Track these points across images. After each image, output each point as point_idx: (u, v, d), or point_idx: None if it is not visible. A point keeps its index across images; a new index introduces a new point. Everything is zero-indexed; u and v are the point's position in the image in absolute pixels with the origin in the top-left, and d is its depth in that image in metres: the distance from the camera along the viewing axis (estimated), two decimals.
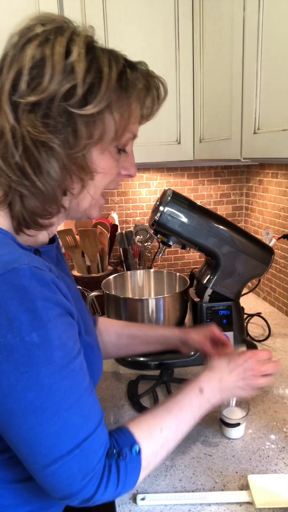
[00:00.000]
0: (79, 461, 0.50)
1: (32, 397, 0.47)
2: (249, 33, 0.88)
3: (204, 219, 1.03)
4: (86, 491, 0.52)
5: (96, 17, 1.12)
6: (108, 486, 0.53)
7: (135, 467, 0.56)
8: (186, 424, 0.64)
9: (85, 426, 0.52)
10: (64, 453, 0.49)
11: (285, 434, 0.85)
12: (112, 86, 0.52)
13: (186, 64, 1.21)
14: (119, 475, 0.54)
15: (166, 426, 0.61)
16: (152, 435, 0.59)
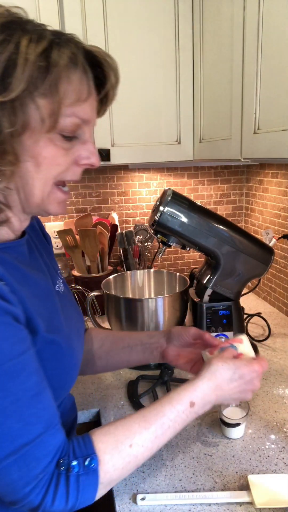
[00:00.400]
0: (19, 468, 0.47)
1: None
2: (249, 33, 0.88)
3: (204, 219, 1.03)
4: (30, 500, 0.49)
5: (96, 17, 1.12)
6: (56, 498, 0.50)
7: (90, 481, 0.51)
8: (164, 440, 0.58)
9: (24, 431, 0.48)
10: (1, 457, 0.47)
11: (285, 434, 0.85)
12: (31, 67, 0.47)
13: (186, 64, 1.21)
14: (69, 488, 0.50)
15: (139, 442, 0.55)
16: (118, 449, 0.54)
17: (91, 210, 1.63)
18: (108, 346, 0.87)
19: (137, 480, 0.74)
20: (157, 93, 1.22)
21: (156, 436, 0.57)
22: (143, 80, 1.20)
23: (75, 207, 1.61)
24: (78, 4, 1.11)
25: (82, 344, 0.73)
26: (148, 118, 1.23)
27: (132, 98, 1.21)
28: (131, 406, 0.96)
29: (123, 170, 1.61)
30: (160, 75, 1.21)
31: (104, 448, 0.53)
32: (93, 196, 1.62)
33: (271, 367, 1.11)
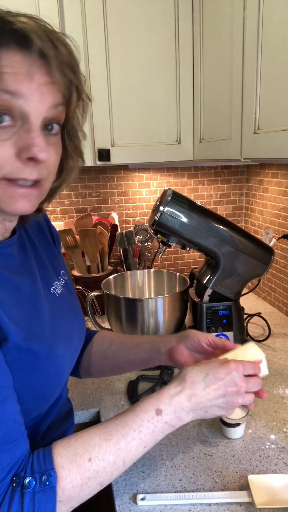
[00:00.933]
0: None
1: None
2: (249, 33, 0.88)
3: (204, 219, 1.03)
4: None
5: (96, 17, 1.12)
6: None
7: (47, 499, 0.47)
8: (130, 454, 0.53)
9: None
10: None
11: (285, 434, 0.85)
12: None
13: (186, 64, 1.21)
14: (23, 506, 0.46)
15: (99, 456, 0.50)
16: (76, 463, 0.49)
17: (91, 210, 1.63)
18: (117, 346, 0.84)
19: (137, 480, 0.74)
20: (157, 93, 1.22)
21: (119, 449, 0.52)
22: (143, 80, 1.20)
23: (75, 207, 1.61)
24: (78, 4, 1.11)
25: (73, 350, 0.70)
26: (148, 118, 1.23)
27: (132, 98, 1.21)
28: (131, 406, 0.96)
29: (123, 170, 1.61)
30: (160, 75, 1.21)
31: (62, 462, 0.49)
32: (93, 196, 1.62)
33: (271, 367, 1.11)
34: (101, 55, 1.15)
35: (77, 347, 0.73)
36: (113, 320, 1.16)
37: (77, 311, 0.76)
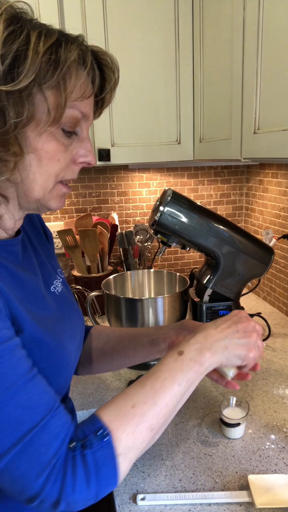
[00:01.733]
0: (27, 457, 0.45)
1: None
2: (249, 33, 0.88)
3: (204, 219, 1.03)
4: (48, 491, 0.45)
5: (96, 17, 1.12)
6: (76, 482, 0.46)
7: (107, 454, 0.48)
8: (167, 394, 0.54)
9: (26, 416, 0.46)
10: (5, 449, 0.44)
11: (285, 434, 0.85)
12: (40, 59, 0.48)
13: (186, 64, 1.21)
14: (87, 467, 0.47)
15: (140, 400, 0.53)
16: (121, 414, 0.51)
17: (91, 210, 1.63)
18: (114, 341, 0.85)
19: (137, 480, 0.74)
20: (157, 93, 1.22)
21: (156, 390, 0.54)
22: (143, 80, 1.20)
23: (75, 207, 1.61)
24: (78, 4, 1.11)
25: (77, 346, 0.71)
26: (148, 118, 1.23)
27: (132, 98, 1.21)
28: None
29: (123, 170, 1.61)
30: (160, 75, 1.21)
31: (109, 418, 0.51)
32: (93, 196, 1.62)
33: (271, 367, 1.11)
34: None
35: (80, 343, 0.74)
36: (113, 320, 1.16)
37: (77, 309, 0.77)
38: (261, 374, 1.08)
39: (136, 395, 0.53)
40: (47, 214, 1.59)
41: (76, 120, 0.55)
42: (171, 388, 0.55)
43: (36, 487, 0.45)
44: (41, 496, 0.45)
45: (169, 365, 0.56)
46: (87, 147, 0.59)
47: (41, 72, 0.49)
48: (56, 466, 0.46)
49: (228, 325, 0.62)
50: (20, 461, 0.44)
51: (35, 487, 0.45)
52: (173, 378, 0.55)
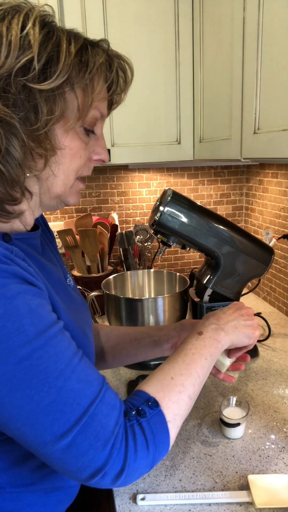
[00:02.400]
0: (93, 428, 0.46)
1: (11, 371, 0.44)
2: (249, 33, 0.88)
3: (204, 219, 1.03)
4: (114, 460, 0.47)
5: (96, 17, 1.12)
6: (138, 449, 0.49)
7: (160, 421, 0.52)
8: (198, 365, 0.60)
9: (87, 390, 0.48)
10: (72, 423, 0.46)
11: (285, 434, 0.85)
12: (71, 60, 0.51)
13: (186, 64, 1.21)
14: (145, 434, 0.50)
15: (176, 373, 0.58)
16: (164, 385, 0.56)
17: (91, 210, 1.63)
18: (114, 340, 0.86)
19: (137, 480, 0.74)
20: (157, 93, 1.22)
21: (188, 363, 0.59)
22: (143, 80, 1.20)
23: (75, 207, 1.61)
24: (78, 4, 1.11)
25: (93, 336, 0.73)
26: (148, 118, 1.23)
27: (132, 98, 1.20)
28: None
29: (123, 170, 1.61)
30: (160, 75, 1.21)
31: (154, 390, 0.55)
32: (93, 196, 1.62)
33: (271, 367, 1.11)
34: None
35: (93, 334, 0.75)
36: (113, 320, 1.16)
37: (86, 304, 0.79)
38: (261, 374, 1.08)
39: (172, 369, 0.58)
40: (47, 214, 1.59)
41: (96, 119, 0.59)
42: (200, 361, 0.61)
43: (103, 458, 0.47)
44: (106, 467, 0.47)
45: (194, 343, 0.63)
46: (102, 145, 0.62)
47: (73, 73, 0.51)
48: (118, 436, 0.48)
49: (233, 311, 0.72)
50: (86, 434, 0.46)
51: (101, 459, 0.46)
52: (199, 353, 0.61)
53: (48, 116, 0.51)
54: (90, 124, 0.58)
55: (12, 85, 0.48)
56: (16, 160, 0.51)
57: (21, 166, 0.52)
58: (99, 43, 0.57)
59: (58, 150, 0.55)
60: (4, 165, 0.50)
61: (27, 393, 0.45)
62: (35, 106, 0.50)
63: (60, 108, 0.52)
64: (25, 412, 0.45)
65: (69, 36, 0.52)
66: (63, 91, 0.52)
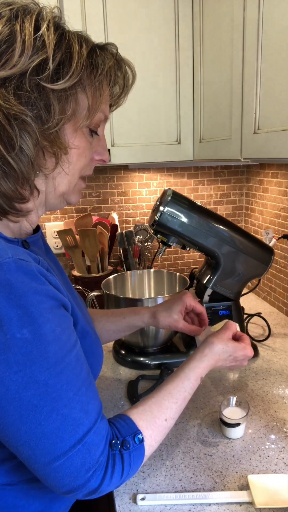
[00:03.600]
0: (82, 455, 0.50)
1: (28, 397, 0.46)
2: (249, 33, 0.88)
3: (204, 219, 1.03)
4: (91, 483, 0.51)
5: (96, 17, 1.12)
6: (114, 476, 0.53)
7: (139, 455, 0.56)
8: (179, 411, 0.65)
9: (86, 420, 0.51)
10: (66, 449, 0.49)
11: (285, 434, 0.85)
12: (83, 62, 0.52)
13: (186, 64, 1.21)
14: (123, 464, 0.54)
15: (171, 416, 0.62)
16: (156, 425, 0.59)
17: (91, 210, 1.63)
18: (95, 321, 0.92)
19: (137, 480, 0.74)
20: (157, 93, 1.22)
21: (181, 408, 0.64)
22: (143, 80, 1.20)
23: (75, 207, 1.61)
24: (78, 4, 1.11)
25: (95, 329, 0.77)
26: (148, 118, 1.23)
27: (132, 98, 1.19)
28: (131, 406, 0.96)
29: (123, 170, 1.61)
30: (160, 75, 1.21)
31: (145, 425, 0.58)
32: (93, 196, 1.62)
33: (271, 367, 1.11)
34: None
35: None
36: None
37: (83, 300, 0.81)
38: (261, 374, 1.08)
39: (169, 410, 0.62)
40: (47, 214, 1.59)
41: (100, 120, 0.61)
42: (183, 405, 0.66)
43: (83, 480, 0.51)
44: (84, 487, 0.51)
45: (193, 387, 0.67)
46: (104, 146, 0.64)
47: (84, 74, 0.53)
48: (101, 463, 0.52)
49: (234, 359, 0.74)
50: (76, 459, 0.50)
51: (82, 480, 0.50)
52: (189, 398, 0.67)
53: (60, 116, 0.52)
54: (95, 125, 0.60)
55: (26, 84, 0.49)
56: (29, 158, 0.52)
57: (33, 164, 0.53)
58: (107, 46, 0.58)
59: (68, 148, 0.56)
60: (16, 162, 0.51)
61: (36, 419, 0.47)
62: (47, 105, 0.51)
63: (72, 108, 0.53)
64: (30, 435, 0.47)
65: (79, 39, 0.54)
66: (75, 91, 0.53)
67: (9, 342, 0.44)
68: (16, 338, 0.45)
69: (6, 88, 0.49)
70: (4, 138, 0.50)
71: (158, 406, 0.61)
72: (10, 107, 0.49)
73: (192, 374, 0.68)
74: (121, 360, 1.16)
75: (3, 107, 0.49)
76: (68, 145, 0.56)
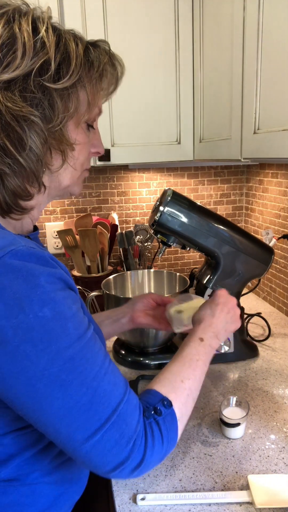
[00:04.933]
0: (119, 427, 0.51)
1: (56, 372, 0.48)
2: (249, 33, 0.88)
3: (204, 219, 1.03)
4: (134, 455, 0.52)
5: (96, 17, 1.12)
6: (155, 444, 0.54)
7: (172, 419, 0.58)
8: (200, 371, 0.66)
9: (116, 391, 0.52)
10: (102, 421, 0.50)
11: (285, 434, 0.85)
12: (81, 60, 0.55)
13: (186, 64, 1.21)
14: (161, 430, 0.56)
15: (185, 377, 0.63)
16: (175, 387, 0.61)
17: (91, 210, 1.63)
18: None
19: (137, 480, 0.74)
20: (157, 93, 1.22)
21: (193, 369, 0.65)
22: (143, 80, 1.20)
23: (75, 207, 1.61)
24: (78, 4, 1.11)
25: None
26: (148, 118, 1.23)
27: (132, 98, 1.21)
28: None
29: (123, 170, 1.61)
30: (160, 75, 1.21)
31: (166, 390, 0.60)
32: (93, 196, 1.62)
33: (271, 367, 1.11)
34: None
35: None
36: None
37: None
38: (261, 374, 1.08)
39: (181, 372, 0.64)
40: (47, 214, 1.59)
41: (96, 114, 0.63)
42: (202, 367, 0.67)
43: (126, 453, 0.51)
44: (127, 462, 0.52)
45: (197, 349, 0.68)
46: (99, 138, 0.67)
47: (83, 72, 0.55)
48: (139, 433, 0.53)
49: (221, 309, 0.77)
50: (113, 431, 0.51)
51: (125, 453, 0.51)
52: (202, 359, 0.67)
53: (63, 113, 0.55)
54: (92, 120, 0.62)
55: (31, 85, 0.51)
56: (38, 157, 0.54)
57: (41, 162, 0.55)
58: (99, 43, 0.60)
59: (73, 145, 0.59)
60: (27, 162, 0.53)
61: (68, 393, 0.48)
62: (52, 104, 0.53)
63: (74, 105, 0.56)
64: (63, 411, 0.48)
65: (75, 38, 0.56)
66: (76, 89, 0.55)
67: (32, 322, 0.46)
68: (38, 317, 0.47)
69: (13, 91, 0.51)
70: (14, 139, 0.52)
71: (171, 373, 0.64)
72: (19, 109, 0.50)
73: (188, 341, 0.71)
74: (121, 360, 1.16)
75: (12, 109, 0.50)
76: (74, 142, 0.58)
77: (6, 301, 0.46)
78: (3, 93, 0.50)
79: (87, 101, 0.58)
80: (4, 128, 0.51)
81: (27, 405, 0.49)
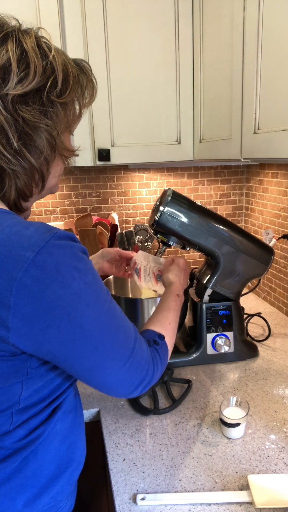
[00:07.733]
0: (140, 351, 0.66)
1: (104, 319, 0.61)
2: (249, 33, 0.88)
3: (204, 219, 1.03)
4: (150, 372, 0.67)
5: (96, 17, 1.12)
6: (158, 365, 0.70)
7: (165, 348, 0.75)
8: (177, 316, 0.85)
9: (132, 327, 0.68)
10: (132, 348, 0.65)
11: (285, 434, 0.85)
12: (76, 77, 0.64)
13: (186, 64, 1.21)
14: (160, 356, 0.72)
15: (171, 320, 0.81)
16: (165, 328, 0.79)
17: (91, 210, 1.63)
18: None
19: (137, 480, 0.74)
20: (157, 93, 1.22)
21: (175, 315, 0.84)
22: (143, 80, 1.20)
23: (75, 207, 1.61)
24: (78, 4, 1.11)
25: None
26: (148, 118, 1.23)
27: (132, 98, 1.21)
28: (130, 406, 0.96)
29: (123, 170, 1.61)
30: (160, 75, 1.21)
31: (158, 329, 0.77)
32: (93, 196, 1.62)
33: (271, 367, 1.11)
34: (101, 55, 1.15)
35: None
36: None
37: None
38: (261, 374, 1.08)
39: (168, 317, 0.82)
40: (47, 214, 1.59)
41: (78, 122, 0.70)
42: (178, 313, 0.86)
43: (145, 371, 0.66)
44: (146, 377, 0.66)
45: (176, 301, 0.88)
46: (73, 142, 0.75)
47: (77, 88, 0.64)
48: (149, 357, 0.68)
49: (181, 272, 0.98)
50: (138, 355, 0.65)
51: (144, 372, 0.66)
52: (178, 310, 0.87)
53: (65, 123, 0.64)
54: (75, 126, 0.71)
55: (44, 99, 0.60)
56: (48, 161, 0.63)
57: (49, 165, 0.64)
58: (82, 63, 0.68)
59: (70, 150, 0.67)
60: (41, 167, 0.62)
61: (113, 333, 0.62)
62: (58, 116, 0.62)
63: (72, 115, 0.65)
64: (111, 345, 0.62)
65: (64, 54, 0.64)
66: (72, 102, 0.65)
67: (82, 286, 0.58)
68: (86, 282, 0.59)
69: (30, 105, 0.58)
70: (30, 146, 0.60)
71: (160, 317, 0.81)
72: (35, 120, 0.59)
73: (168, 295, 0.90)
74: None
75: (31, 121, 0.58)
76: (72, 148, 0.67)
77: (63, 273, 0.56)
78: (20, 106, 0.58)
79: (78, 112, 0.67)
80: (21, 136, 0.59)
81: (79, 347, 0.60)
